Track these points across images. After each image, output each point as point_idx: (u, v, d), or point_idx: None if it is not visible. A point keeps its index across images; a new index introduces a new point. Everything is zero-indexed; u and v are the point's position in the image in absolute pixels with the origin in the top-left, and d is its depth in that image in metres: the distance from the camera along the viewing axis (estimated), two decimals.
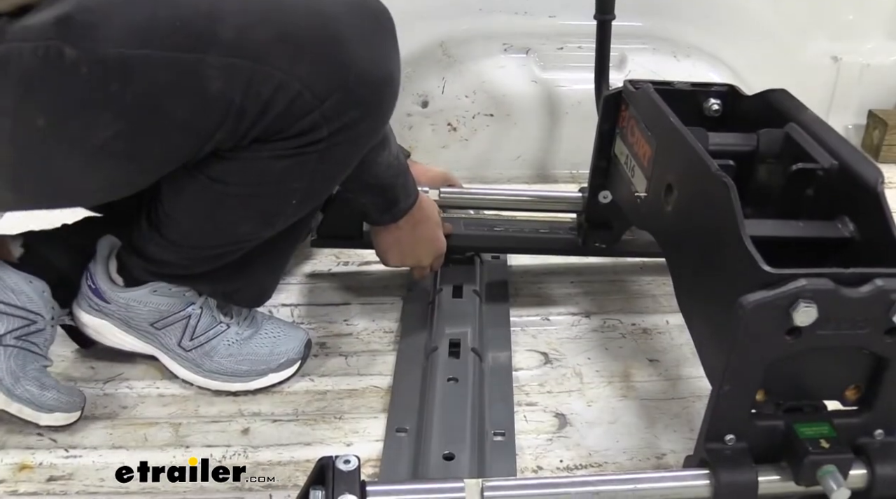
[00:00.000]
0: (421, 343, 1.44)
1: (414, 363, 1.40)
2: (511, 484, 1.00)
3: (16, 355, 1.18)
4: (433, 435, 1.19)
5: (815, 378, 0.99)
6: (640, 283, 1.64)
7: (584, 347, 1.46)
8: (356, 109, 1.05)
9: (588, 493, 0.97)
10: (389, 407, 1.31)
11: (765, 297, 0.87)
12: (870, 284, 0.89)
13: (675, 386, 1.37)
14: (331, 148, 1.06)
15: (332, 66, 1.01)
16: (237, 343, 1.31)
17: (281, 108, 1.00)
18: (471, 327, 1.43)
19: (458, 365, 1.34)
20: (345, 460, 0.96)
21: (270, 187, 1.10)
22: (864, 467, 0.98)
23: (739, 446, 0.98)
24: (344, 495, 0.92)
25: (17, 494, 1.12)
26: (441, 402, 1.26)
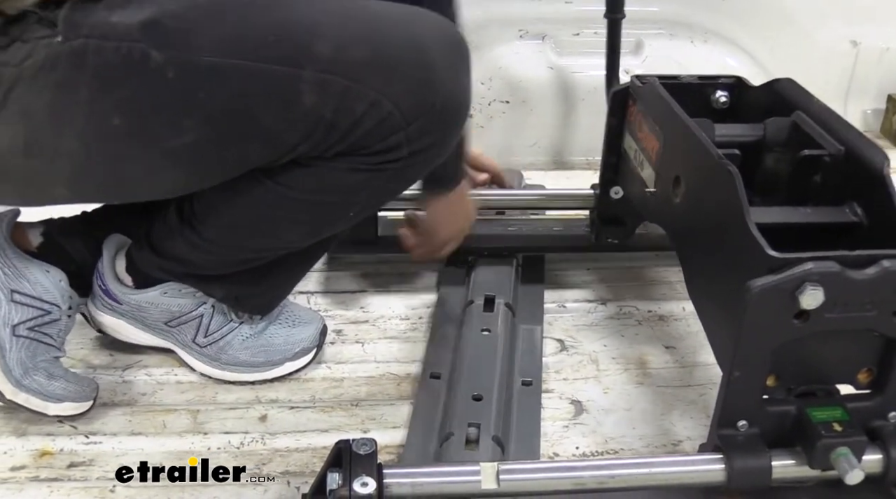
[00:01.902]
0: (458, 302, 1.49)
1: (451, 318, 1.47)
2: (526, 467, 1.01)
3: (27, 346, 1.18)
4: (463, 378, 1.25)
5: (826, 362, 0.99)
6: (655, 270, 1.64)
7: (600, 335, 1.46)
8: (436, 133, 1.08)
9: (602, 477, 0.97)
10: (425, 354, 1.38)
11: (771, 281, 0.87)
12: (876, 265, 0.89)
13: (691, 373, 1.37)
14: (405, 168, 1.09)
15: (422, 90, 1.04)
16: (252, 337, 1.31)
17: (370, 126, 1.03)
18: (505, 288, 1.49)
19: (491, 318, 1.39)
20: (362, 444, 0.97)
21: (336, 197, 1.12)
22: (878, 450, 0.98)
23: (752, 431, 0.98)
24: (361, 477, 0.93)
25: (39, 479, 1.13)
26: (473, 349, 1.32)
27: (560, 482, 0.99)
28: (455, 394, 1.23)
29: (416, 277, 1.61)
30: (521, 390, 1.30)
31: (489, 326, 1.37)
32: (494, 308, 1.42)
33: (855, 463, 0.93)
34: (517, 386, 1.30)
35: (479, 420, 1.16)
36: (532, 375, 1.33)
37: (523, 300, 1.51)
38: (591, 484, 0.98)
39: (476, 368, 1.27)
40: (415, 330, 1.46)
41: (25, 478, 1.14)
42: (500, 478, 0.96)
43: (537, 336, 1.43)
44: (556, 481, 0.99)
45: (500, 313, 1.41)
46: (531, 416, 1.25)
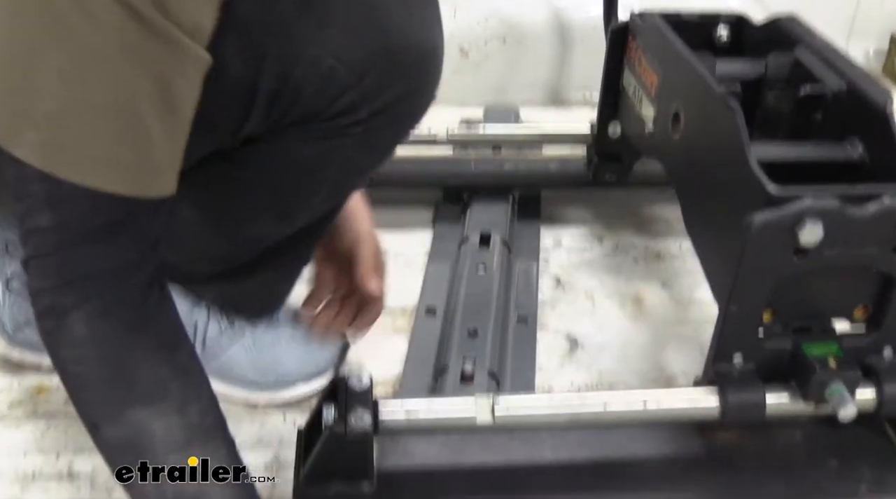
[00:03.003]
0: (454, 239, 1.49)
1: (446, 254, 1.46)
2: (521, 401, 1.01)
3: (20, 301, 1.16)
4: (458, 314, 1.25)
5: (823, 298, 0.99)
6: (653, 207, 1.63)
7: (595, 271, 1.46)
8: (398, 87, 0.88)
9: (597, 410, 0.98)
10: (421, 290, 1.37)
11: (770, 216, 0.86)
12: (877, 201, 0.88)
13: (686, 309, 1.37)
14: (370, 132, 0.90)
15: (367, 36, 0.85)
16: (257, 352, 1.17)
17: (313, 89, 0.85)
18: (501, 224, 1.48)
19: (487, 254, 1.40)
20: (357, 378, 0.97)
21: (300, 175, 0.95)
22: (872, 386, 0.99)
23: (747, 366, 0.99)
24: (356, 411, 0.93)
25: (36, 415, 1.14)
26: (469, 285, 1.32)
27: (555, 416, 0.99)
28: (451, 329, 1.24)
29: (410, 214, 1.60)
30: (516, 326, 1.30)
31: (485, 263, 1.37)
32: (490, 245, 1.42)
33: (848, 398, 0.94)
34: (513, 322, 1.31)
35: (475, 355, 1.17)
36: (528, 311, 1.33)
37: (519, 237, 1.51)
38: (585, 418, 0.99)
39: (472, 304, 1.28)
40: (409, 266, 1.46)
41: (22, 414, 1.14)
42: (495, 411, 0.96)
43: (533, 273, 1.43)
44: (551, 415, 0.99)
45: (496, 250, 1.41)
46: (526, 351, 1.26)
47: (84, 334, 0.78)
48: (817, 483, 1.03)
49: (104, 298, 0.78)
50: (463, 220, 1.53)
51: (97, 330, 0.78)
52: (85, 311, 0.77)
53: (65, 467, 1.07)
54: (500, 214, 1.52)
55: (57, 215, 0.75)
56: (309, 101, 0.86)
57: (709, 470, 1.04)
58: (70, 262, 0.77)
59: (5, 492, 1.03)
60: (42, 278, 0.78)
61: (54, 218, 0.75)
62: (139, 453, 0.80)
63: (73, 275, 0.77)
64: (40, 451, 1.09)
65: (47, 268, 0.78)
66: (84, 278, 0.77)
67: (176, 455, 0.80)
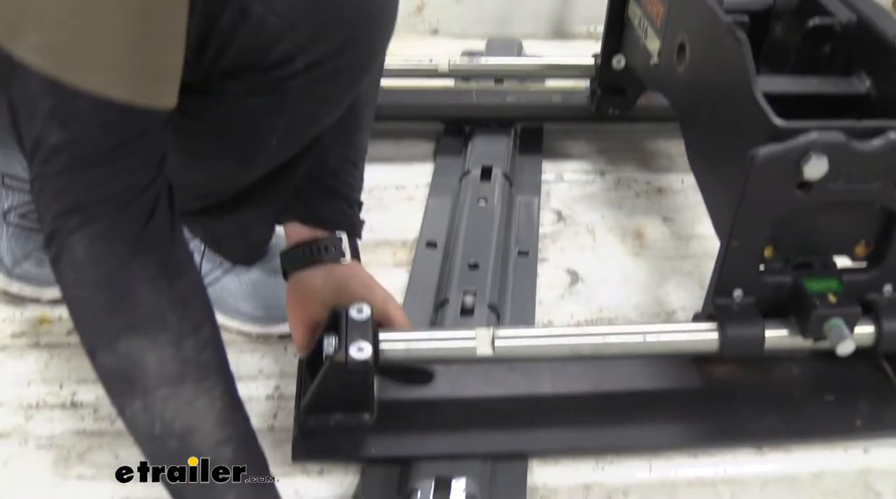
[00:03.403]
0: (455, 172, 1.48)
1: (447, 187, 1.45)
2: (521, 333, 1.02)
3: (18, 235, 1.16)
4: (459, 247, 1.25)
5: (825, 234, 0.98)
6: (655, 142, 1.62)
7: (597, 205, 1.46)
8: (335, 38, 0.85)
9: (597, 343, 0.98)
10: (422, 223, 1.37)
11: (775, 149, 0.86)
12: (882, 136, 0.88)
13: (687, 245, 1.37)
14: (310, 84, 0.87)
15: None
16: (252, 283, 1.18)
17: (246, 39, 0.82)
18: (503, 158, 1.48)
19: (488, 187, 1.39)
20: (357, 309, 0.97)
21: (248, 126, 0.92)
22: (871, 322, 0.99)
23: (747, 301, 0.99)
24: (357, 342, 0.94)
25: (39, 346, 1.14)
26: (470, 218, 1.32)
27: (554, 348, 1.00)
28: (451, 262, 1.23)
29: (412, 147, 1.58)
30: (517, 259, 1.30)
31: (486, 196, 1.36)
32: (492, 178, 1.41)
33: (847, 334, 0.94)
34: (513, 256, 1.31)
35: (475, 288, 1.17)
36: (528, 245, 1.33)
37: (521, 171, 1.50)
38: (585, 351, 0.99)
39: (472, 237, 1.27)
40: (411, 200, 1.45)
41: (25, 344, 1.15)
42: (495, 343, 0.97)
43: (534, 207, 1.42)
44: (551, 348, 1.00)
45: (497, 183, 1.40)
46: (527, 285, 1.26)
47: (85, 257, 0.77)
48: (813, 417, 1.04)
49: (106, 221, 0.77)
50: (464, 153, 1.52)
51: (97, 253, 0.77)
52: (86, 233, 0.76)
53: (68, 397, 1.08)
54: (502, 147, 1.51)
55: (65, 133, 0.73)
56: (242, 50, 0.83)
57: (706, 403, 1.05)
58: (77, 183, 0.76)
59: (10, 421, 1.04)
60: (49, 201, 0.77)
61: (62, 136, 0.73)
62: (130, 383, 0.79)
63: (79, 198, 0.76)
64: (44, 381, 1.10)
65: (54, 189, 0.76)
66: (89, 202, 0.76)
67: (166, 390, 0.79)
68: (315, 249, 1.05)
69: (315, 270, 1.04)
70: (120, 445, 1.01)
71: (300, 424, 1.00)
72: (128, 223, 0.78)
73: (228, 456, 0.81)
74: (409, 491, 0.92)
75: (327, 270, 1.04)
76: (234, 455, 0.81)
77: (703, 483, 1.00)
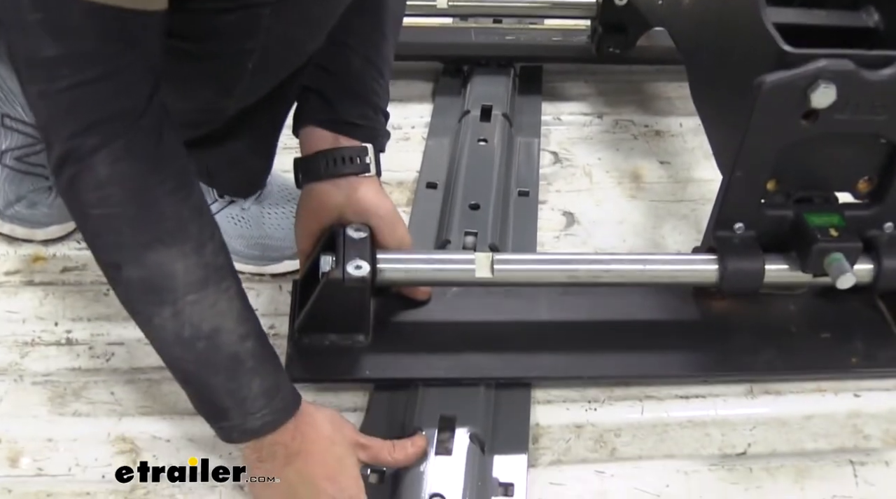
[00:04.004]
0: (454, 113, 1.46)
1: (446, 128, 1.44)
2: (521, 258, 1.02)
3: (12, 178, 1.14)
4: (460, 188, 1.24)
5: (828, 168, 0.98)
6: (655, 85, 1.61)
7: (594, 148, 1.45)
8: None
9: (597, 271, 0.98)
10: (422, 164, 1.36)
11: (783, 76, 0.85)
12: (892, 66, 0.87)
13: (684, 188, 1.37)
14: (284, 4, 0.86)
15: None
16: (246, 225, 1.16)
17: None
18: (502, 98, 1.46)
19: (488, 128, 1.37)
20: (357, 228, 0.96)
21: (220, 45, 0.90)
22: (870, 260, 0.99)
23: (748, 234, 0.99)
24: (354, 260, 0.93)
25: (33, 284, 1.13)
26: (470, 159, 1.30)
27: (554, 274, 1.00)
28: (452, 203, 1.23)
29: (409, 87, 1.56)
30: (517, 199, 1.29)
31: (486, 137, 1.35)
32: (491, 119, 1.40)
33: (847, 268, 0.94)
34: (514, 196, 1.30)
35: (476, 229, 1.16)
36: (529, 185, 1.32)
37: (520, 112, 1.49)
38: (584, 278, 0.99)
39: (473, 178, 1.26)
40: (408, 140, 1.44)
41: (20, 282, 1.14)
42: (494, 267, 0.97)
43: (535, 148, 1.41)
44: (551, 273, 1.00)
45: (497, 124, 1.39)
46: (527, 225, 1.25)
47: (108, 175, 0.77)
48: (810, 353, 1.04)
49: (124, 139, 0.76)
50: (463, 94, 1.50)
51: (121, 170, 0.77)
52: (108, 151, 0.76)
53: (63, 335, 1.07)
54: (501, 87, 1.49)
55: (61, 44, 0.72)
56: None
57: (703, 336, 1.05)
58: (88, 98, 0.75)
59: (5, 358, 1.03)
60: (62, 118, 0.76)
61: (58, 47, 0.72)
62: (160, 292, 0.81)
63: (92, 114, 0.75)
64: (38, 318, 1.09)
65: (64, 106, 0.75)
66: (104, 118, 0.76)
67: (194, 295, 0.81)
68: (338, 159, 0.99)
69: (335, 185, 0.99)
70: (115, 382, 1.02)
71: (294, 342, 1.00)
72: (145, 139, 0.78)
73: (250, 348, 0.84)
74: (413, 430, 0.92)
75: (349, 185, 0.99)
76: (254, 347, 0.85)
77: (695, 424, 1.00)
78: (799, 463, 0.96)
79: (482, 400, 0.96)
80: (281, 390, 0.86)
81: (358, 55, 1.00)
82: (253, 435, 0.85)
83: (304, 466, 0.86)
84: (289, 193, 1.18)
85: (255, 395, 0.84)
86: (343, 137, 0.99)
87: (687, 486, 0.94)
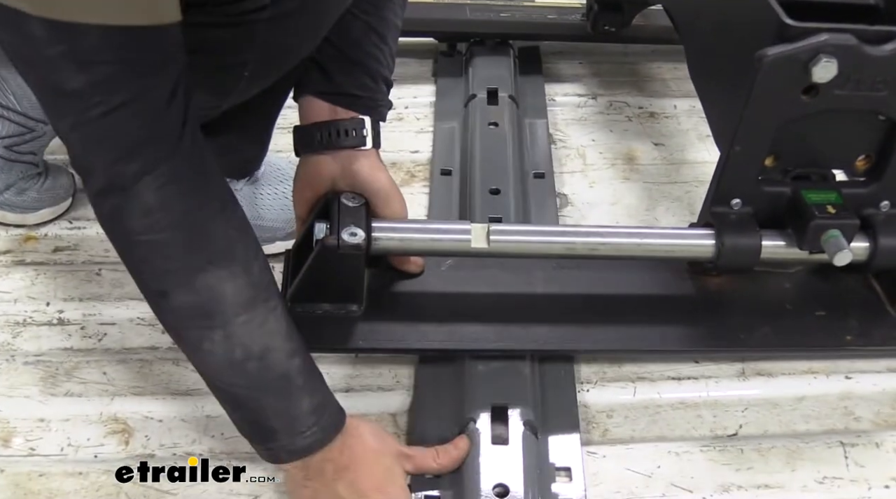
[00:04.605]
0: (459, 101, 1.45)
1: (452, 112, 1.43)
2: (518, 229, 1.01)
3: (2, 166, 1.13)
4: (477, 174, 1.23)
5: (827, 145, 0.98)
6: (649, 66, 1.61)
7: (588, 129, 1.44)
8: None
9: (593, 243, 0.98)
10: (433, 150, 1.35)
11: (785, 50, 0.85)
12: (893, 42, 0.87)
13: (678, 170, 1.36)
14: (279, 18, 0.85)
15: None
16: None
17: None
18: (506, 80, 1.45)
19: (496, 111, 1.36)
20: (352, 197, 0.96)
21: (215, 57, 0.89)
22: (866, 238, 1.00)
23: (745, 210, 0.99)
24: (350, 227, 0.92)
25: (24, 263, 1.13)
26: (482, 143, 1.29)
27: (551, 246, 0.99)
28: (471, 189, 1.21)
29: (404, 67, 1.55)
30: (534, 182, 1.29)
31: (496, 120, 1.34)
32: (499, 101, 1.39)
33: (844, 244, 0.94)
34: (530, 178, 1.29)
35: (500, 214, 1.16)
36: (544, 167, 1.31)
37: (524, 93, 1.48)
38: (581, 250, 0.98)
39: (488, 163, 1.25)
40: (402, 120, 1.44)
41: (11, 262, 1.13)
42: (490, 238, 0.96)
43: (543, 129, 1.40)
44: (547, 245, 0.99)
45: (504, 106, 1.38)
46: (547, 207, 1.25)
47: (156, 200, 0.74)
48: (805, 331, 1.04)
49: (167, 163, 0.74)
50: (466, 76, 1.49)
51: (168, 195, 0.74)
52: (152, 177, 0.73)
53: (55, 315, 1.06)
54: (504, 69, 1.48)
55: (86, 73, 0.69)
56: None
57: (699, 311, 1.05)
58: (124, 124, 0.72)
59: None
60: (98, 148, 0.73)
61: (84, 76, 0.69)
62: (210, 316, 0.79)
63: (128, 142, 0.72)
64: (30, 298, 1.08)
65: (100, 134, 0.72)
66: (141, 144, 0.73)
67: (244, 315, 0.79)
68: (333, 132, 0.97)
69: (331, 156, 0.98)
70: (107, 362, 1.01)
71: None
72: (188, 160, 0.76)
73: (298, 365, 0.83)
74: (466, 421, 0.91)
75: (345, 157, 0.98)
76: (301, 364, 0.83)
77: (687, 405, 1.00)
78: (790, 444, 0.97)
79: (529, 383, 0.96)
80: (328, 406, 0.85)
81: (358, 20, 0.97)
82: (302, 454, 0.83)
83: (354, 479, 0.85)
84: (282, 173, 1.17)
85: (304, 413, 0.82)
86: (340, 108, 0.98)
87: (679, 467, 0.94)
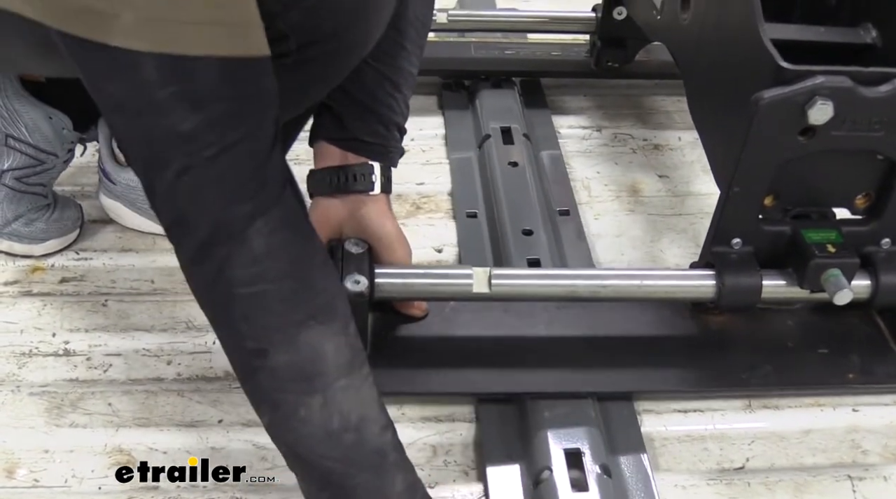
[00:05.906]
0: (469, 134, 1.47)
1: (465, 143, 1.44)
2: (518, 273, 1.02)
3: (11, 198, 1.14)
4: (506, 215, 1.23)
5: (826, 184, 0.98)
6: (653, 99, 1.61)
7: (593, 161, 1.45)
8: (329, 22, 0.82)
9: (594, 286, 0.98)
10: (453, 193, 1.35)
11: (781, 93, 0.85)
12: (889, 83, 0.87)
13: (683, 202, 1.37)
14: (300, 64, 0.84)
15: None
16: None
17: None
18: (516, 116, 1.46)
19: (513, 150, 1.38)
20: (354, 243, 0.97)
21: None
22: (868, 276, 0.99)
23: (745, 249, 0.99)
24: (353, 275, 0.93)
25: (31, 294, 1.13)
26: (505, 184, 1.30)
27: (552, 289, 1.00)
28: (502, 231, 1.22)
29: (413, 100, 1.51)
30: (560, 219, 1.29)
31: (514, 160, 1.35)
32: (514, 140, 1.40)
33: (845, 283, 0.94)
34: (557, 217, 1.29)
35: (536, 254, 1.16)
36: (567, 204, 1.32)
37: (533, 127, 1.49)
38: (583, 293, 0.99)
39: (514, 203, 1.25)
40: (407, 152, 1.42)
41: (18, 292, 1.14)
42: (491, 282, 0.97)
43: (558, 160, 1.41)
44: (549, 288, 1.00)
45: (520, 144, 1.39)
46: (579, 245, 1.24)
47: (265, 248, 0.70)
48: (807, 369, 1.04)
49: (278, 208, 0.70)
50: (473, 111, 1.50)
51: (279, 242, 0.71)
52: (263, 221, 0.69)
53: (61, 346, 1.07)
54: (510, 100, 1.49)
55: (199, 111, 0.66)
56: None
57: (701, 351, 1.05)
58: (234, 166, 0.68)
59: (2, 369, 1.03)
60: (204, 198, 0.69)
61: (197, 115, 0.66)
62: (310, 378, 0.73)
63: (240, 181, 0.69)
64: (36, 329, 1.09)
65: (210, 179, 0.69)
66: (254, 185, 0.69)
67: (344, 380, 0.74)
68: (342, 177, 0.98)
69: (340, 200, 0.99)
70: (112, 393, 1.01)
71: None
72: (294, 206, 0.73)
73: (390, 440, 0.77)
74: (539, 470, 0.90)
75: (353, 202, 0.99)
76: (393, 439, 0.78)
77: (693, 438, 1.00)
78: (797, 478, 0.96)
79: (595, 424, 0.95)
80: (420, 486, 0.78)
81: (371, 68, 0.98)
82: None
83: None
84: None
85: (398, 493, 0.76)
86: (351, 153, 0.99)
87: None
